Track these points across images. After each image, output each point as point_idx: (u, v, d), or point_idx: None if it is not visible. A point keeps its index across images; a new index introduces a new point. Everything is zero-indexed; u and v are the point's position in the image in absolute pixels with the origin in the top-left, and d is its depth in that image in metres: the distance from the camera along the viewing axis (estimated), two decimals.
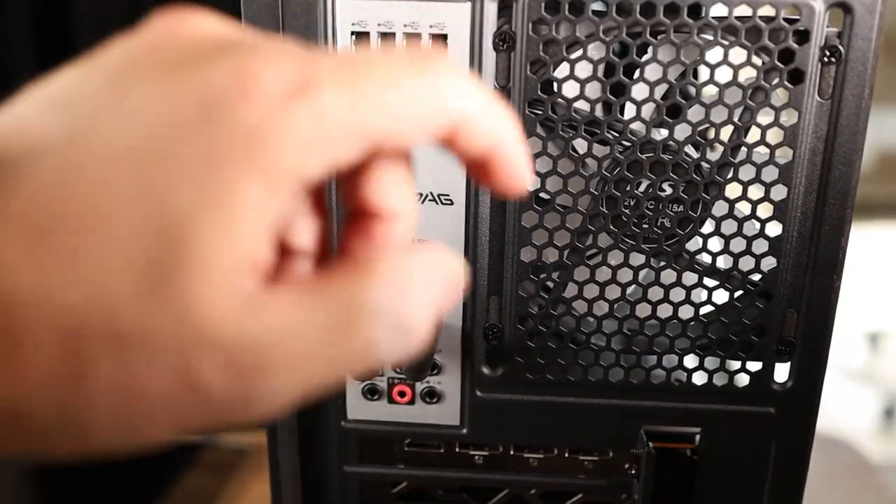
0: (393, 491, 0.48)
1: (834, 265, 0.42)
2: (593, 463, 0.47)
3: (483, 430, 0.46)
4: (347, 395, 0.46)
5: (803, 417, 0.44)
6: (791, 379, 0.44)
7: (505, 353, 0.44)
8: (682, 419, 0.45)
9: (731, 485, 0.46)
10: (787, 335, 0.43)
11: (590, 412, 0.45)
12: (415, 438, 0.47)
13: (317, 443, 0.47)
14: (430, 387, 0.45)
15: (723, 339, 0.43)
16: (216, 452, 1.04)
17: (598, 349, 0.43)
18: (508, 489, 0.47)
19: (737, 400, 0.44)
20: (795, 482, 0.46)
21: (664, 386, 0.44)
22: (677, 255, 0.42)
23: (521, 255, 0.42)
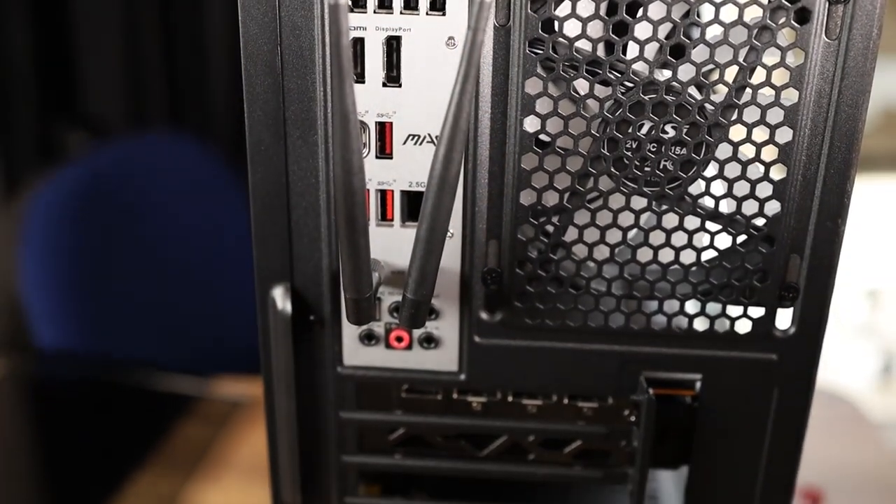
0: (390, 437, 0.48)
1: (839, 210, 0.41)
2: (592, 410, 0.46)
3: (481, 376, 0.45)
4: (344, 340, 0.45)
5: (805, 364, 0.44)
6: (793, 325, 0.43)
7: (504, 298, 0.43)
8: (683, 366, 0.44)
9: (731, 432, 0.45)
10: (790, 281, 0.42)
11: (589, 358, 0.44)
12: (412, 385, 0.46)
13: (313, 389, 0.46)
14: (428, 332, 0.44)
15: (725, 285, 0.42)
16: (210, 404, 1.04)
17: (599, 294, 0.43)
18: (507, 436, 0.47)
19: (738, 346, 0.44)
20: (796, 430, 0.45)
21: (665, 332, 0.44)
22: (680, 199, 0.41)
23: (520, 199, 0.42)
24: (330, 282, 0.44)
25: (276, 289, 0.44)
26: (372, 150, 0.42)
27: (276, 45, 0.41)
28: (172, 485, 0.91)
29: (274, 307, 0.44)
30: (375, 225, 0.43)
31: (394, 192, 0.42)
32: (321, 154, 0.42)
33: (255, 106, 0.42)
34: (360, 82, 0.41)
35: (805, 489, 0.87)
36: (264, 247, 0.44)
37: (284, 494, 0.49)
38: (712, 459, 0.46)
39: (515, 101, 0.40)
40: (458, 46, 0.40)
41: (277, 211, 0.43)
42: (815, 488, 0.88)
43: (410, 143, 0.41)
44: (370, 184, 0.42)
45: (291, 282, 0.44)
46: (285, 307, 0.44)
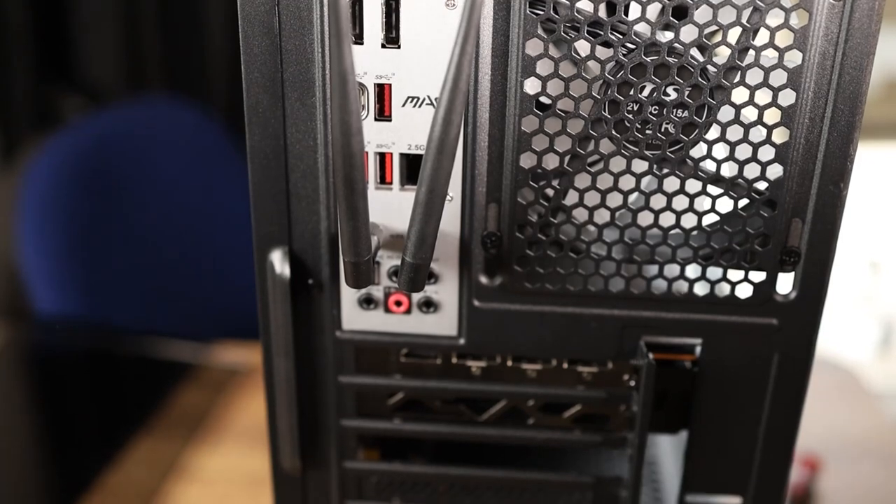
0: (389, 402, 0.48)
1: (841, 173, 0.41)
2: (592, 374, 0.46)
3: (481, 340, 0.45)
4: (342, 304, 0.45)
5: (806, 329, 0.44)
6: (795, 290, 0.43)
7: (503, 262, 0.43)
8: (683, 330, 0.44)
9: (731, 397, 0.45)
10: (792, 245, 0.42)
11: (589, 323, 0.44)
12: (411, 349, 0.46)
13: (312, 354, 0.46)
14: (427, 297, 0.44)
15: (726, 249, 0.42)
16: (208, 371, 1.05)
17: (599, 258, 0.43)
18: (506, 400, 0.47)
19: (739, 311, 0.43)
20: (796, 395, 0.45)
21: (665, 296, 0.43)
22: (681, 162, 0.41)
23: (520, 162, 0.41)
24: (328, 245, 0.44)
25: (274, 252, 0.44)
26: (371, 112, 0.41)
27: (273, 6, 0.40)
28: (172, 450, 0.91)
29: (272, 271, 0.44)
30: (374, 188, 0.43)
31: (393, 155, 0.42)
32: (319, 116, 0.42)
33: (253, 67, 0.41)
34: (359, 43, 0.40)
35: (803, 456, 0.88)
36: (262, 210, 0.43)
37: (283, 459, 0.49)
38: (712, 424, 0.46)
39: (516, 62, 0.40)
40: (457, 7, 0.39)
41: (275, 174, 0.43)
42: (814, 455, 0.88)
43: (409, 106, 0.41)
44: (369, 146, 0.42)
45: (290, 246, 0.44)
46: (283, 271, 0.44)
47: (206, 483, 0.87)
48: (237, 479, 0.88)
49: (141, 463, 0.89)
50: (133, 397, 1.02)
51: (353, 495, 0.50)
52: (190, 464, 0.90)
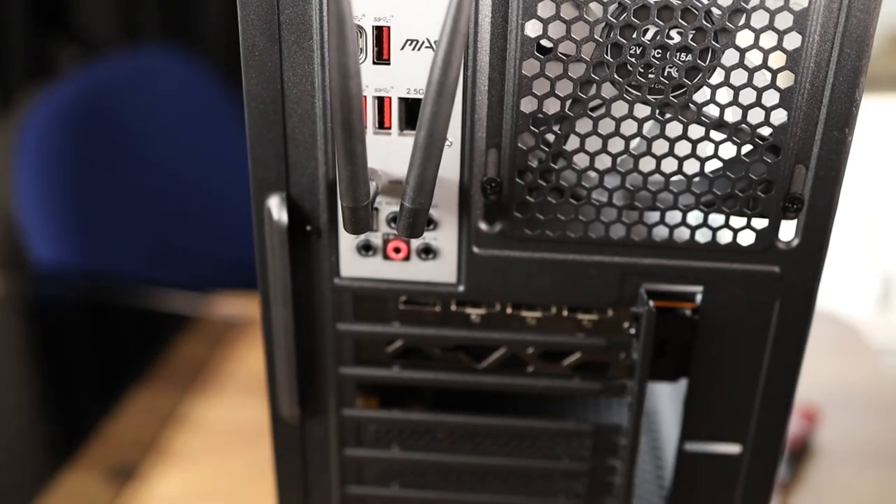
0: (388, 349, 0.47)
1: (846, 119, 0.40)
2: (592, 322, 0.46)
3: (480, 287, 0.45)
4: (341, 251, 0.44)
5: (808, 277, 0.43)
6: (797, 237, 0.43)
7: (503, 208, 0.43)
8: (684, 278, 0.44)
9: (731, 345, 0.45)
10: (795, 192, 0.42)
11: (590, 270, 0.44)
12: (410, 296, 0.46)
13: (310, 301, 0.46)
14: (426, 243, 0.44)
15: (728, 196, 0.42)
16: (207, 322, 1.05)
17: (600, 204, 0.42)
18: (505, 348, 0.47)
19: (740, 258, 0.43)
20: (797, 343, 0.45)
21: (666, 243, 0.43)
22: (684, 107, 0.40)
23: (521, 106, 0.41)
24: (326, 191, 0.43)
25: (271, 198, 0.43)
26: (369, 55, 0.41)
27: None
28: (170, 401, 0.91)
29: (269, 217, 0.43)
30: (373, 133, 0.42)
31: (391, 99, 0.41)
32: (317, 59, 0.41)
33: (249, 9, 0.40)
34: None
35: (802, 408, 0.88)
36: (259, 156, 0.43)
37: (282, 407, 0.48)
38: (712, 373, 0.46)
39: (517, 4, 0.39)
40: None
41: (272, 118, 0.42)
42: (812, 407, 0.89)
43: (408, 49, 0.40)
44: (367, 90, 0.41)
45: (287, 192, 0.43)
46: (281, 217, 0.43)
47: (205, 433, 0.88)
48: (236, 429, 0.88)
49: (140, 413, 0.89)
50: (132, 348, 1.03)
51: (351, 443, 0.50)
52: (189, 414, 0.90)
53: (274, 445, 0.50)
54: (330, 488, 0.51)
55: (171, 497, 0.80)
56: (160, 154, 1.25)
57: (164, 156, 1.25)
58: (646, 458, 0.61)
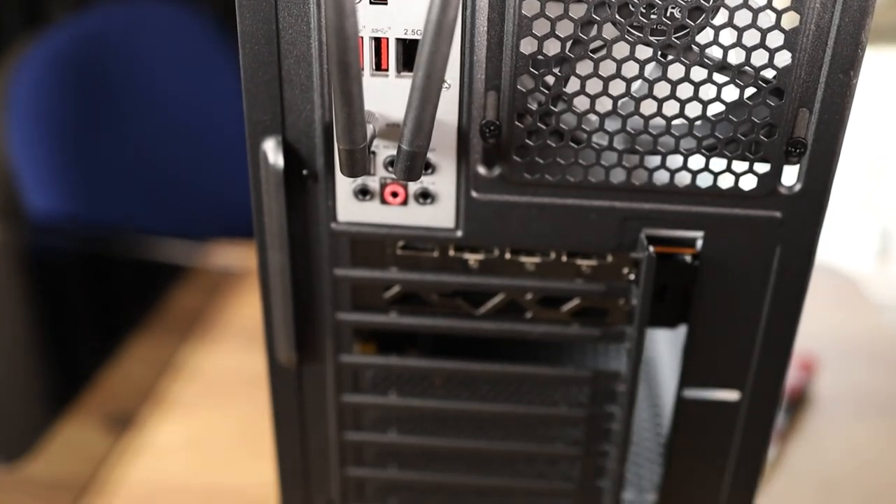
0: (385, 295, 0.47)
1: (852, 61, 0.39)
2: (591, 268, 0.45)
3: (478, 232, 0.44)
4: (338, 195, 0.44)
5: (810, 223, 0.43)
6: (799, 182, 0.42)
7: (502, 152, 0.42)
8: (685, 223, 0.43)
9: (731, 291, 0.45)
10: (798, 136, 0.41)
11: (589, 215, 0.43)
12: (408, 241, 0.45)
13: (307, 246, 0.46)
14: (424, 188, 0.43)
15: (730, 140, 0.41)
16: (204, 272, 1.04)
17: (600, 148, 0.42)
18: (504, 293, 0.46)
19: (742, 204, 0.43)
20: (797, 289, 0.45)
21: (667, 188, 0.42)
22: (686, 49, 0.39)
23: (520, 47, 0.40)
24: (323, 134, 0.43)
25: (267, 142, 0.43)
26: None
27: None
28: (168, 349, 0.91)
29: (265, 161, 0.43)
30: (370, 75, 0.41)
31: (389, 41, 0.41)
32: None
33: None
34: None
35: (800, 359, 0.88)
36: (254, 98, 0.42)
37: (279, 352, 0.48)
38: (711, 319, 0.46)
39: None
40: None
41: (267, 60, 0.41)
42: (810, 358, 0.89)
43: None
44: (364, 31, 0.40)
45: (283, 135, 0.43)
46: (277, 161, 0.43)
47: (203, 381, 0.88)
48: (234, 377, 0.88)
49: (138, 361, 0.89)
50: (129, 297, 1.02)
51: (349, 389, 0.50)
52: (187, 362, 0.90)
53: (271, 391, 0.50)
54: (327, 434, 0.51)
55: (170, 444, 0.80)
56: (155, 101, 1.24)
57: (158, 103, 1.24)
58: (644, 406, 0.61)
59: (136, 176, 1.23)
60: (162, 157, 1.25)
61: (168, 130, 1.25)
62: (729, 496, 0.51)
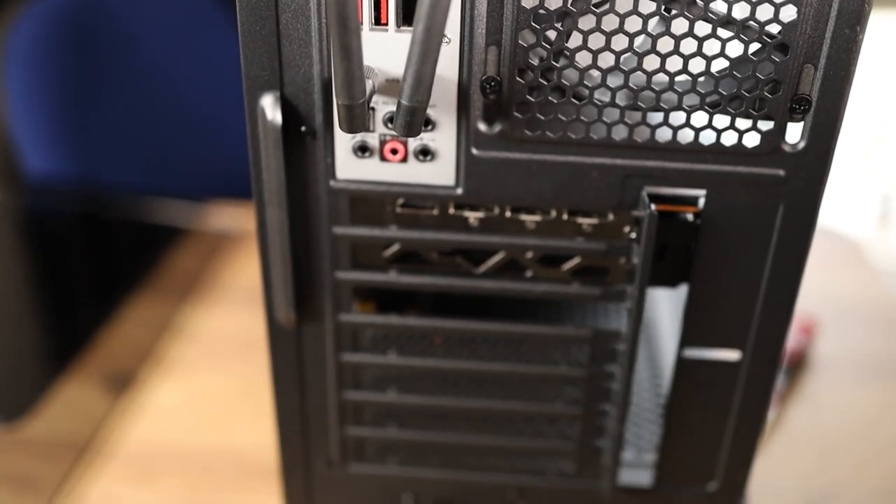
0: (385, 254, 0.47)
1: (858, 17, 0.39)
2: (592, 226, 0.45)
3: (479, 190, 0.44)
4: (337, 152, 0.43)
5: (813, 181, 0.42)
6: (803, 139, 0.42)
7: (503, 108, 0.42)
8: (687, 181, 0.43)
9: (733, 250, 0.44)
10: (803, 92, 0.40)
11: (590, 172, 0.43)
12: (408, 199, 0.45)
13: (305, 204, 0.45)
14: (424, 144, 0.43)
15: (734, 96, 0.40)
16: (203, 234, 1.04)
17: (602, 105, 0.41)
18: (504, 252, 0.46)
19: (745, 161, 0.42)
20: (800, 249, 0.44)
21: (670, 145, 0.42)
22: (690, 3, 0.39)
23: (522, 1, 0.39)
24: (322, 90, 0.42)
25: (264, 98, 0.42)
26: None
27: None
28: (168, 311, 0.91)
29: (263, 117, 0.42)
30: (369, 30, 0.41)
31: None
32: None
33: None
34: None
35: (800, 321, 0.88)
36: (252, 53, 0.42)
37: (278, 311, 0.48)
38: (713, 278, 0.45)
39: None
40: None
41: (265, 14, 0.41)
42: (811, 320, 0.89)
43: None
44: None
45: (281, 90, 0.42)
46: (275, 117, 0.42)
47: (202, 342, 0.88)
48: (234, 338, 0.88)
49: (137, 322, 0.89)
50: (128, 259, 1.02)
51: (348, 348, 0.50)
52: (186, 324, 0.90)
53: (270, 350, 0.50)
54: (327, 394, 0.51)
55: (169, 405, 0.80)
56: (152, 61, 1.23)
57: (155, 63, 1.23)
58: (643, 367, 0.61)
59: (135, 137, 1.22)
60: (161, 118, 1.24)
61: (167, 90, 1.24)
62: (728, 457, 0.51)
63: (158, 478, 0.73)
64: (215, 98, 1.23)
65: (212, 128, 1.25)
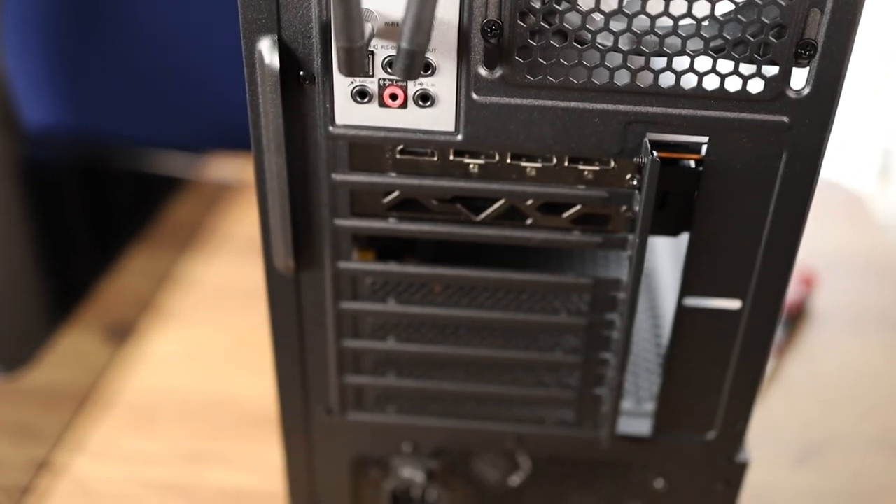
0: (384, 201, 0.46)
1: None
2: (593, 173, 0.45)
3: (479, 136, 0.43)
4: (336, 97, 0.43)
5: (818, 127, 0.42)
6: (808, 86, 0.41)
7: (504, 52, 0.41)
8: (690, 127, 0.42)
9: (735, 199, 0.44)
10: (809, 37, 0.40)
11: (592, 118, 0.42)
12: (407, 145, 0.45)
13: (304, 150, 0.45)
14: (424, 90, 0.42)
15: (739, 41, 0.40)
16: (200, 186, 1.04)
17: (604, 49, 0.40)
18: (504, 199, 0.46)
19: (749, 108, 0.42)
20: (802, 198, 0.44)
21: (673, 91, 0.41)
22: None
23: None
24: (320, 34, 0.41)
25: (262, 41, 0.42)
26: None
27: None
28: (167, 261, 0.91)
29: (261, 61, 0.42)
30: None
31: None
32: None
33: None
34: None
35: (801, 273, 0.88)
36: None
37: (277, 259, 0.48)
38: (714, 227, 0.45)
39: None
40: None
41: None
42: (811, 272, 0.89)
43: None
44: None
45: (279, 34, 0.42)
46: (273, 61, 0.41)
47: (201, 292, 0.88)
48: (232, 288, 0.88)
49: (136, 273, 0.89)
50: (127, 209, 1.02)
51: (347, 296, 0.49)
52: (185, 274, 0.90)
53: (269, 299, 0.50)
54: (325, 342, 0.51)
55: (169, 354, 0.80)
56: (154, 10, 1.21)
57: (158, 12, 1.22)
58: (644, 317, 0.61)
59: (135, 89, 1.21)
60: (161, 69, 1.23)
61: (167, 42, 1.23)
62: (727, 406, 0.51)
63: (158, 426, 0.73)
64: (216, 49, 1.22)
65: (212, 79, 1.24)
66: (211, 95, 1.22)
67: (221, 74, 1.20)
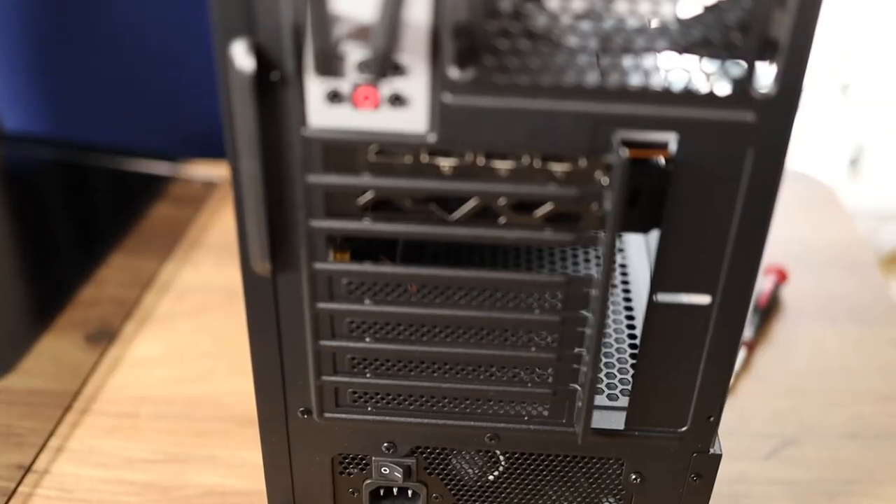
0: (359, 202, 0.47)
1: None
2: (565, 172, 0.45)
3: (451, 136, 0.44)
4: (309, 99, 0.43)
5: (782, 124, 0.43)
6: (772, 83, 0.42)
7: (475, 54, 0.42)
8: (658, 126, 0.43)
9: (704, 195, 0.45)
10: (772, 35, 0.41)
11: (562, 118, 0.43)
12: (381, 146, 0.45)
13: (278, 153, 0.45)
14: (396, 91, 0.43)
15: (704, 39, 0.41)
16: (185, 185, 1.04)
17: (573, 50, 0.41)
18: (477, 199, 0.46)
19: (715, 105, 0.42)
20: (769, 194, 0.45)
21: (639, 90, 0.42)
22: None
23: None
24: (293, 36, 0.42)
25: (235, 44, 0.42)
26: None
27: None
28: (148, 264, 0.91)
29: (234, 65, 0.42)
30: None
31: None
32: None
33: None
34: None
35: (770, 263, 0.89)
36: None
37: (253, 261, 0.48)
38: (683, 224, 0.46)
39: None
40: None
41: None
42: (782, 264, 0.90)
43: None
44: None
45: (252, 37, 0.42)
46: (245, 64, 0.42)
47: (182, 295, 0.88)
48: (213, 290, 0.88)
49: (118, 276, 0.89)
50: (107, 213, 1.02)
51: (324, 297, 0.50)
52: (166, 277, 0.90)
53: (246, 300, 0.50)
54: (303, 343, 0.51)
55: (151, 358, 0.81)
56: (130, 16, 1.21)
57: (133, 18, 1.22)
58: (620, 310, 0.62)
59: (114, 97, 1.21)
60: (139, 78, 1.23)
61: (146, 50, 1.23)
62: (699, 400, 0.52)
63: (141, 429, 0.73)
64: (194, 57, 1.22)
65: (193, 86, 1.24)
66: (191, 104, 1.23)
67: (199, 82, 1.21)
